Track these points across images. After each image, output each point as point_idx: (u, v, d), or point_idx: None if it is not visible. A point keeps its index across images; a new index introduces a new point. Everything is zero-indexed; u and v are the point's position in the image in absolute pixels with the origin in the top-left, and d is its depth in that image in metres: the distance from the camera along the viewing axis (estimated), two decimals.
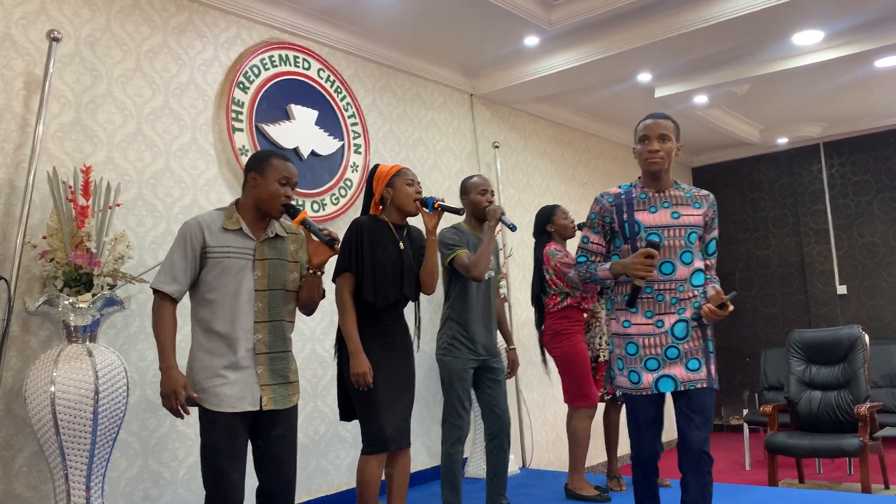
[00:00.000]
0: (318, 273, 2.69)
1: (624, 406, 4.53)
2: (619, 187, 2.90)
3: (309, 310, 2.84)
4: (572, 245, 4.46)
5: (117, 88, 3.46)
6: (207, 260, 2.56)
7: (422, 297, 3.25)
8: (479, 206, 3.70)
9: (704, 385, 2.72)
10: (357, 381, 2.93)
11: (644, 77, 5.48)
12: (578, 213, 5.56)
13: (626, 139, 7.26)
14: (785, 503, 3.92)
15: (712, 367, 2.73)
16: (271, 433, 2.60)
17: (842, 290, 7.53)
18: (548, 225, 4.33)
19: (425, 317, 4.71)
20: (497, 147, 5.65)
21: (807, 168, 7.81)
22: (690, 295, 2.77)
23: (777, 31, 4.74)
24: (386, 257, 3.03)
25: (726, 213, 8.32)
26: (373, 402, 2.96)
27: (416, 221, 3.35)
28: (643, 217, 2.76)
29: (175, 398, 2.45)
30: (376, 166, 3.23)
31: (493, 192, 3.78)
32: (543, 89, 5.50)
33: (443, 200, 3.09)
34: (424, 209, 3.09)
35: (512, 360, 4.18)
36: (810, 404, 5.13)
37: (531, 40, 4.80)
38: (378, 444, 2.98)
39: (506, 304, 4.92)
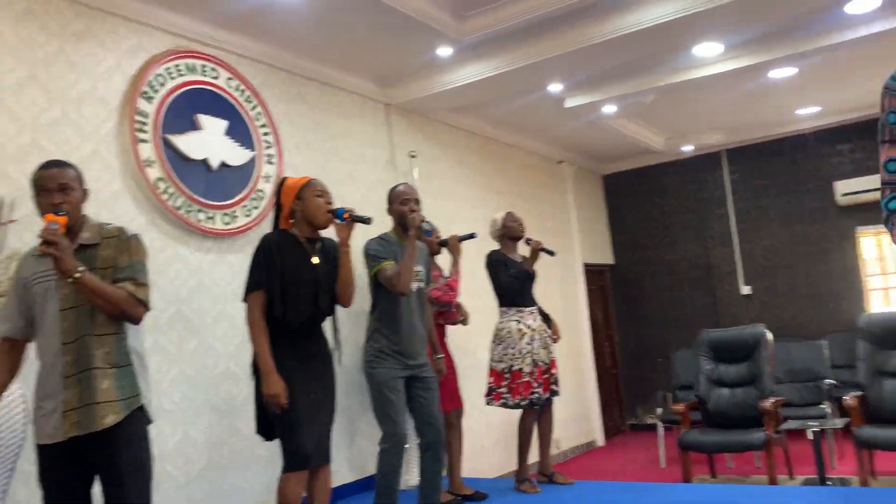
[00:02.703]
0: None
1: (545, 412, 4.64)
2: None
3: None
4: (441, 260, 4.58)
5: (9, 97, 3.28)
6: (30, 291, 2.44)
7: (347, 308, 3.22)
8: (402, 215, 3.70)
9: None
10: (270, 402, 2.86)
11: (555, 87, 5.60)
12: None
13: (539, 148, 7.40)
14: (697, 498, 4.05)
15: None
16: (100, 457, 2.37)
17: (746, 290, 7.88)
18: None
19: (344, 330, 4.65)
20: (414, 156, 5.65)
21: (710, 174, 8.14)
22: None
23: (680, 44, 4.94)
24: (299, 272, 2.98)
25: (636, 219, 8.59)
26: (291, 419, 2.90)
27: (330, 233, 3.30)
28: None
29: None
30: (284, 179, 3.18)
31: (417, 200, 3.78)
32: (458, 99, 5.54)
33: (353, 211, 3.06)
34: (336, 221, 3.05)
35: (438, 369, 4.18)
36: (719, 401, 5.33)
37: (444, 51, 4.83)
38: (298, 462, 2.92)
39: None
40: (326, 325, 3.17)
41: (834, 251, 7.47)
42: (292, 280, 2.95)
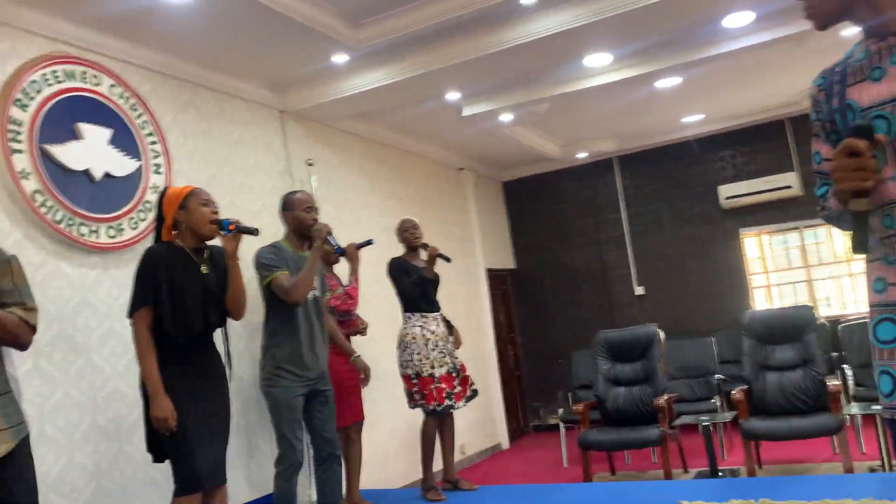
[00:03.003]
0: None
1: (446, 419, 4.66)
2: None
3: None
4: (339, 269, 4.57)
5: None
6: None
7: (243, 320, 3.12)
8: (303, 223, 3.64)
9: None
10: (159, 426, 2.73)
11: (452, 96, 5.64)
12: (393, 227, 5.60)
13: (440, 155, 7.44)
14: (596, 497, 4.15)
15: None
16: None
17: (639, 291, 8.18)
18: None
19: (240, 343, 4.52)
20: (311, 164, 5.56)
21: (603, 180, 8.42)
22: None
23: (571, 54, 5.07)
24: (186, 285, 2.87)
25: (535, 224, 8.77)
26: (183, 440, 2.78)
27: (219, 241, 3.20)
28: (859, 93, 1.53)
29: None
30: (166, 189, 3.06)
31: (317, 208, 3.74)
32: (355, 106, 5.50)
33: (239, 222, 2.97)
34: (221, 232, 2.95)
35: (361, 367, 4.15)
36: (616, 400, 5.50)
37: (340, 58, 4.78)
38: (191, 485, 2.81)
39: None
40: (219, 340, 3.07)
41: (720, 252, 7.86)
42: (180, 293, 2.84)
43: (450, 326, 4.88)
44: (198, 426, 2.82)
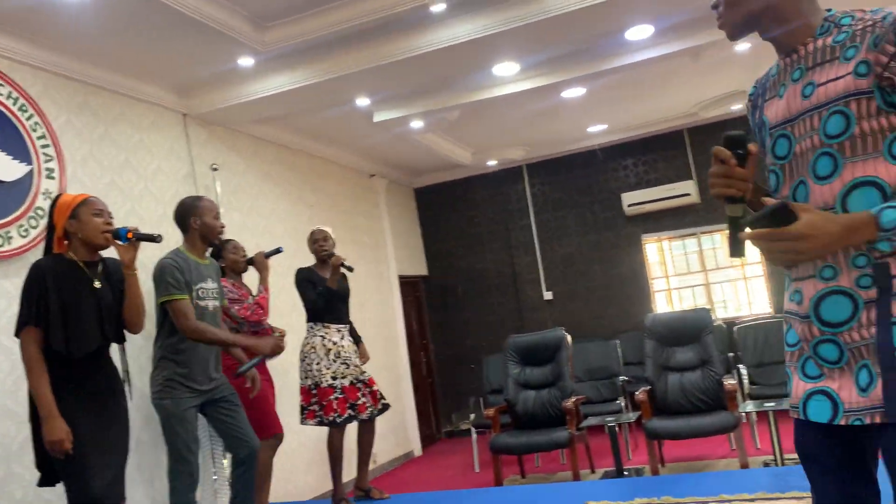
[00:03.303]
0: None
1: (368, 426, 4.62)
2: None
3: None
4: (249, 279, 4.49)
5: None
6: None
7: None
8: (213, 230, 3.54)
9: (878, 419, 1.37)
10: (52, 449, 2.58)
11: (363, 101, 5.60)
12: (305, 236, 5.52)
13: (351, 161, 7.38)
14: (506, 501, 4.20)
15: None
16: None
17: (548, 296, 8.34)
18: (217, 260, 4.25)
19: (142, 356, 4.34)
20: (216, 169, 5.41)
21: (514, 187, 8.56)
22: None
23: (480, 63, 5.13)
24: (79, 300, 2.72)
25: (447, 231, 8.82)
26: (78, 461, 2.64)
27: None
28: (770, 109, 1.59)
29: None
30: (58, 197, 2.90)
31: (217, 215, 3.65)
32: (262, 111, 5.39)
33: (137, 230, 2.85)
34: (117, 241, 2.83)
35: (252, 377, 4.02)
36: (526, 403, 5.59)
37: (245, 61, 4.67)
38: None
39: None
40: (115, 353, 2.93)
41: (623, 257, 8.12)
42: (72, 311, 2.69)
43: (357, 340, 4.85)
44: (93, 445, 2.68)
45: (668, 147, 7.95)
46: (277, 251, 4.46)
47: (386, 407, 4.68)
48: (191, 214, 3.57)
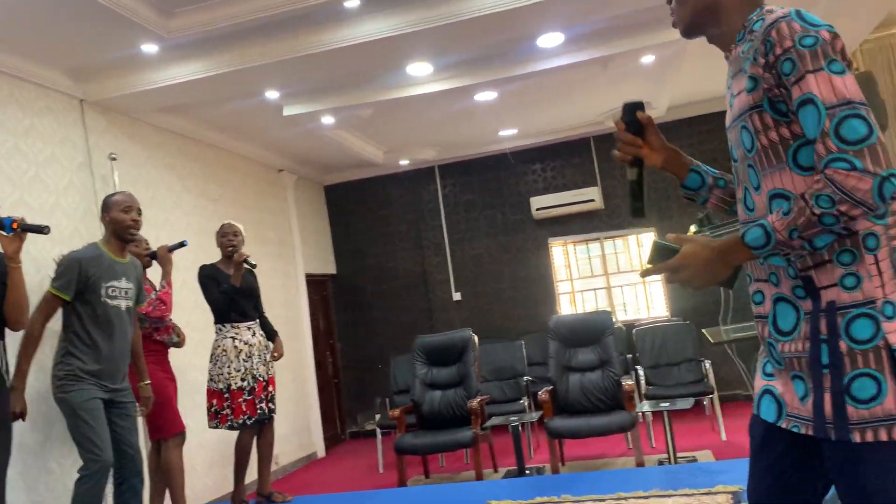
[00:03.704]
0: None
1: (268, 428, 4.53)
2: None
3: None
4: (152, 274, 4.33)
5: None
6: None
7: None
8: (120, 224, 3.39)
9: (810, 431, 1.38)
10: None
11: (272, 95, 5.48)
12: (209, 229, 5.36)
13: (258, 154, 7.21)
14: (409, 500, 4.20)
15: (826, 398, 1.34)
16: None
17: (457, 296, 8.40)
18: None
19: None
20: (115, 159, 5.17)
21: (426, 188, 8.57)
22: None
23: (394, 61, 5.12)
24: None
25: (358, 229, 8.75)
26: None
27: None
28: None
29: None
30: None
31: (139, 210, 3.49)
32: (166, 100, 5.19)
33: (23, 220, 2.70)
34: (1, 232, 2.67)
35: (146, 396, 3.82)
36: (432, 404, 5.60)
37: (149, 48, 4.49)
38: None
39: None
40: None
41: (531, 259, 8.27)
42: None
43: (272, 335, 4.74)
44: None
45: (575, 154, 8.15)
46: (181, 245, 4.31)
47: (271, 411, 4.57)
48: (103, 209, 3.43)
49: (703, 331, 5.90)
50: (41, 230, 2.78)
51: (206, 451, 5.62)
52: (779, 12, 1.38)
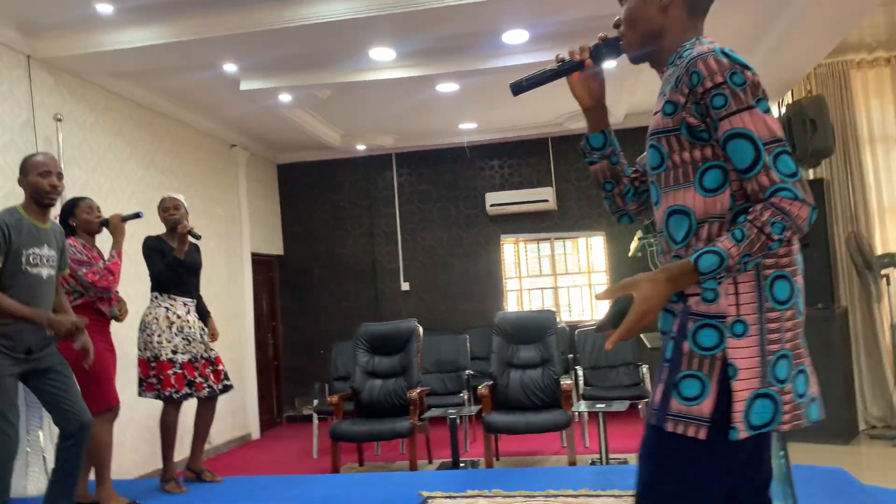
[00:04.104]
0: None
1: (207, 405, 4.45)
2: None
3: None
4: (101, 242, 4.20)
5: None
6: None
7: None
8: (37, 188, 3.25)
9: (648, 419, 1.54)
10: None
11: (230, 68, 5.37)
12: (156, 200, 5.22)
13: (211, 128, 7.06)
14: (340, 488, 4.17)
15: (659, 388, 1.49)
16: None
17: (405, 286, 8.38)
18: (70, 219, 3.99)
19: None
20: (60, 120, 5.00)
21: (381, 175, 8.52)
22: (668, 259, 1.57)
23: (356, 44, 5.05)
24: None
25: (309, 212, 8.65)
26: None
27: None
28: None
29: None
30: None
31: (60, 174, 3.35)
32: (119, 64, 5.04)
33: None
34: None
35: (85, 348, 3.68)
36: (371, 392, 5.58)
37: (104, 7, 4.35)
38: None
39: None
40: None
41: (482, 255, 8.29)
42: None
43: (205, 317, 4.66)
44: None
45: (532, 153, 8.19)
46: (137, 216, 4.18)
47: (228, 388, 4.53)
48: (21, 171, 3.29)
49: (642, 335, 5.99)
50: None
51: (135, 426, 5.49)
52: (706, 46, 1.46)
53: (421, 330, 5.86)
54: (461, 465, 5.25)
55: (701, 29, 1.59)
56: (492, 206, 8.09)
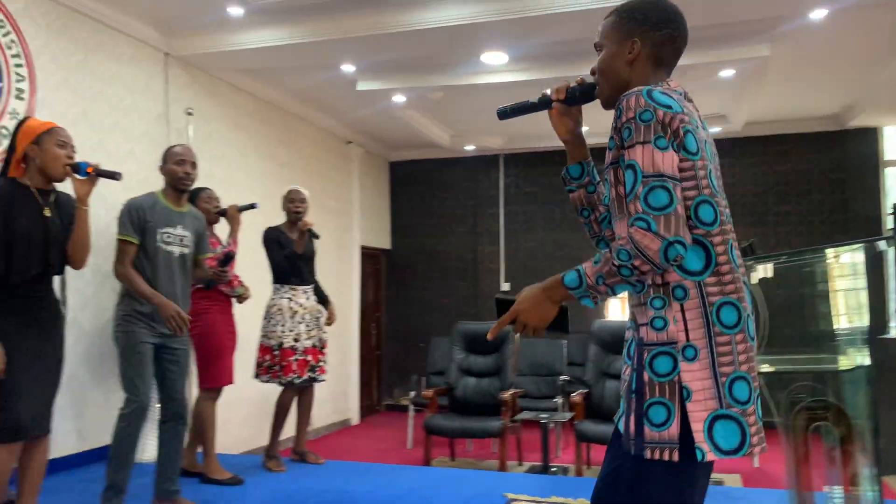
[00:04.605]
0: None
1: (308, 390, 4.68)
2: None
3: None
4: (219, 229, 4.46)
5: None
6: None
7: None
8: (173, 175, 3.52)
9: (625, 448, 1.55)
10: None
11: (348, 68, 5.59)
12: (274, 192, 5.51)
13: (330, 125, 7.35)
14: (430, 480, 4.28)
15: (631, 421, 1.52)
16: None
17: (505, 286, 8.44)
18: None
19: (88, 289, 4.32)
20: (191, 114, 5.36)
21: (487, 175, 8.60)
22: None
23: (469, 48, 5.15)
24: (27, 226, 2.72)
25: (416, 208, 8.85)
26: (9, 387, 2.65)
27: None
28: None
29: None
30: (25, 119, 2.87)
31: (194, 164, 3.60)
32: (246, 62, 5.35)
33: (98, 166, 2.83)
34: (76, 175, 2.81)
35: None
36: (465, 389, 5.68)
37: (235, 10, 4.63)
38: (12, 433, 2.69)
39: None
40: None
41: (585, 259, 8.20)
42: (19, 234, 2.68)
43: (325, 301, 4.86)
44: (25, 374, 2.68)
45: None
46: (252, 206, 4.41)
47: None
48: (162, 160, 3.57)
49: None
50: (114, 176, 2.91)
51: (245, 405, 5.83)
52: (637, 88, 1.55)
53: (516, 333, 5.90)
54: (551, 469, 5.26)
55: (665, 79, 1.68)
56: None
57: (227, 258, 3.73)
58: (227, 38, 5.02)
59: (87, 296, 4.42)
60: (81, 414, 4.42)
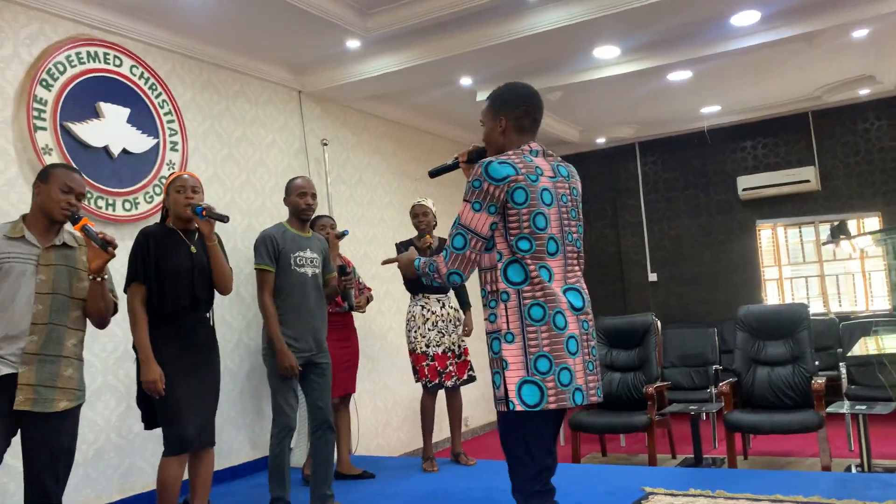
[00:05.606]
0: (98, 279, 2.79)
1: (453, 394, 4.92)
2: None
3: (99, 321, 2.92)
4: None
5: None
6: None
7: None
8: (295, 207, 3.86)
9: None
10: (148, 388, 3.01)
11: (465, 81, 5.77)
12: (408, 207, 5.79)
13: (456, 135, 7.58)
14: (577, 476, 4.35)
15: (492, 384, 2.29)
16: (30, 436, 2.68)
17: (653, 277, 8.26)
18: None
19: (249, 313, 4.79)
20: (326, 144, 5.78)
21: (624, 166, 8.47)
22: None
23: (579, 46, 5.17)
24: (175, 262, 3.12)
25: None
26: (172, 404, 3.05)
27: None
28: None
29: None
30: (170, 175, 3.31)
31: (314, 194, 3.92)
32: (370, 89, 5.68)
33: (211, 209, 3.17)
34: (196, 217, 3.18)
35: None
36: (611, 385, 5.66)
37: (353, 44, 4.96)
38: (178, 446, 3.08)
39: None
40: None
41: (735, 243, 7.89)
42: (169, 270, 3.09)
43: (466, 308, 5.02)
44: (186, 391, 3.08)
45: (789, 130, 7.61)
46: (344, 234, 4.63)
47: (471, 379, 4.88)
48: (285, 192, 3.93)
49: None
50: (222, 219, 3.23)
51: (401, 408, 6.17)
52: (485, 160, 2.22)
53: (659, 323, 5.81)
54: (705, 461, 5.14)
55: (529, 141, 2.32)
56: (744, 190, 7.68)
57: (342, 270, 4.01)
58: (349, 70, 5.37)
59: (248, 318, 4.91)
60: (254, 424, 4.91)
